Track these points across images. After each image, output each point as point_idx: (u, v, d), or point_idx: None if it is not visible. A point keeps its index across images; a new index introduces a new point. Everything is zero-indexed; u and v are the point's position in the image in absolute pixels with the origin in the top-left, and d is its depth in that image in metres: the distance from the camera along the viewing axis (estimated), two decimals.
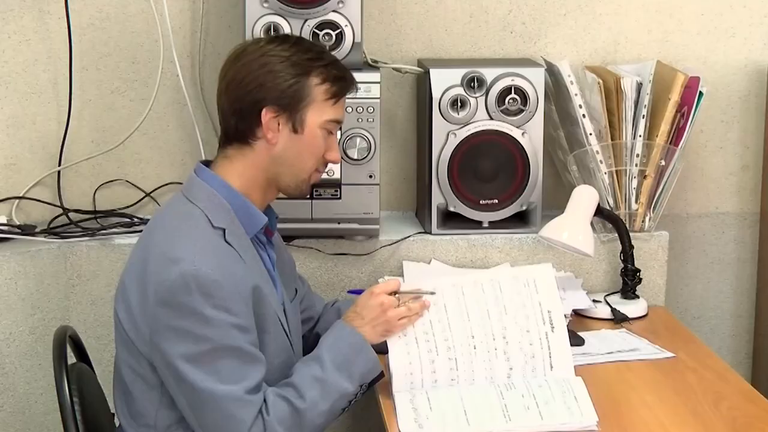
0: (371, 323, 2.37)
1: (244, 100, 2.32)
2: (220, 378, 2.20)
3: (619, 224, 2.99)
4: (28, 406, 3.00)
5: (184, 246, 2.24)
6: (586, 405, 2.31)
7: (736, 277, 3.42)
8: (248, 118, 2.33)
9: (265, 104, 2.32)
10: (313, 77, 2.34)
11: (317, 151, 2.38)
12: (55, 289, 3.02)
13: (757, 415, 2.36)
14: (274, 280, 2.42)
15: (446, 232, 3.08)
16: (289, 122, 2.34)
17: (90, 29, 3.13)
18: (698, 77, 3.06)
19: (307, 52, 2.36)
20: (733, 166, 3.36)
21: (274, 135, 2.34)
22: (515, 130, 3.02)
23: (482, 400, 2.34)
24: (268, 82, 2.31)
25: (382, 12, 3.19)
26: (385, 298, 2.39)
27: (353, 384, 2.31)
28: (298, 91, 2.33)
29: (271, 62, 2.32)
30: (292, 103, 2.33)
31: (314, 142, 2.37)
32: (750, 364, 3.44)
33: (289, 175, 2.38)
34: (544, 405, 2.31)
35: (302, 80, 2.33)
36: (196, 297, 2.19)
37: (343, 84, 2.39)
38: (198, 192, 2.34)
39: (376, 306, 2.39)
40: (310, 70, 2.34)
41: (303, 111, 2.34)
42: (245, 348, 2.23)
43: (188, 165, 3.20)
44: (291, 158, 2.36)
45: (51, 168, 3.15)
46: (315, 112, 2.35)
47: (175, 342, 2.20)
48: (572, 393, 2.35)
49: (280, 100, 2.32)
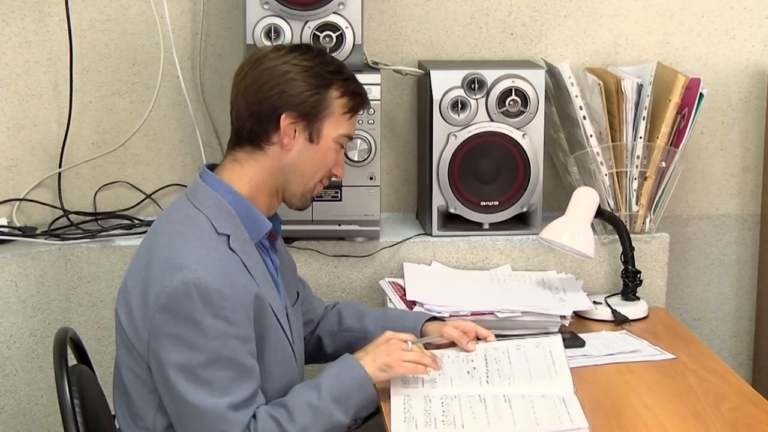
0: (373, 354, 2.35)
1: (263, 104, 2.33)
2: (211, 390, 2.20)
3: (620, 226, 2.99)
4: (28, 408, 3.00)
5: (188, 253, 2.24)
6: (577, 412, 2.28)
7: (736, 278, 3.42)
8: (265, 121, 2.34)
9: (285, 110, 2.33)
10: (333, 90, 2.36)
11: (328, 163, 2.41)
12: (56, 291, 3.02)
13: (758, 416, 2.36)
14: (278, 285, 2.42)
15: (447, 233, 3.08)
16: (306, 131, 2.36)
17: (90, 31, 3.13)
18: (699, 79, 3.06)
19: (329, 64, 2.39)
20: (734, 168, 3.36)
21: (290, 141, 2.35)
22: (516, 131, 3.02)
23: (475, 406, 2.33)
24: (289, 89, 2.33)
25: (382, 14, 3.19)
26: (393, 337, 2.38)
27: (348, 417, 2.29)
28: (319, 102, 2.35)
29: (293, 70, 2.34)
30: (312, 113, 2.35)
31: (327, 154, 2.39)
32: (751, 365, 3.44)
33: (298, 184, 2.39)
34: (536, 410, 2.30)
35: (323, 92, 2.35)
36: (197, 305, 2.19)
37: (360, 100, 2.42)
38: (203, 197, 2.34)
39: (382, 341, 2.38)
40: (331, 82, 2.36)
41: (321, 122, 2.36)
42: (241, 360, 2.23)
43: (189, 167, 3.20)
44: (302, 167, 2.38)
45: (51, 170, 3.15)
46: (332, 125, 2.37)
47: (170, 349, 2.20)
48: (564, 405, 2.33)
49: (301, 107, 2.34)
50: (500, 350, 2.51)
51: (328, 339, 2.66)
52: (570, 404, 2.31)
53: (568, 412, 2.28)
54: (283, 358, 2.37)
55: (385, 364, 2.31)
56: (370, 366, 2.31)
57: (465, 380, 2.41)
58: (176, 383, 2.20)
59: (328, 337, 2.66)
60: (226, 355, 2.21)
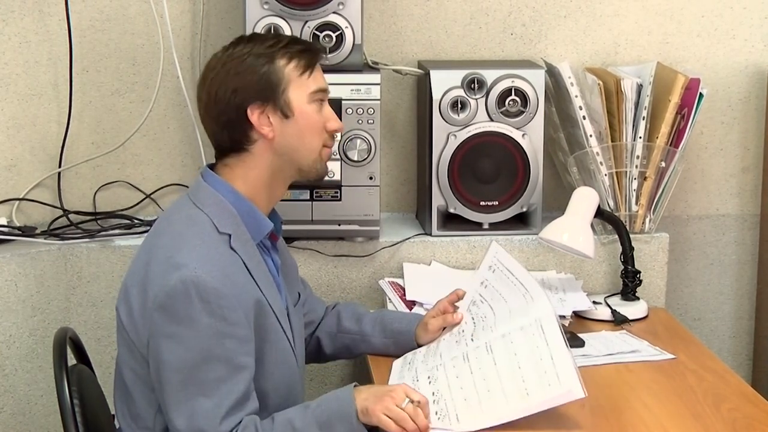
0: (369, 393, 2.24)
1: (227, 111, 2.32)
2: (202, 390, 2.19)
3: (620, 226, 2.99)
4: (28, 408, 3.00)
5: (187, 252, 2.23)
6: (564, 365, 2.24)
7: (736, 278, 3.42)
8: (238, 125, 2.33)
9: (248, 104, 2.32)
10: (278, 60, 2.33)
11: (316, 126, 2.37)
12: (56, 291, 3.02)
13: (758, 416, 2.36)
14: (279, 285, 2.42)
15: (446, 233, 3.08)
16: (277, 110, 2.33)
17: (90, 31, 3.13)
18: (698, 79, 3.06)
19: (264, 41, 2.36)
20: (734, 168, 3.36)
21: (269, 129, 2.33)
22: (515, 131, 3.02)
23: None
24: (239, 83, 2.31)
25: (382, 13, 3.19)
26: (400, 389, 2.23)
27: None
28: (271, 78, 2.32)
29: (234, 66, 2.32)
30: (270, 92, 2.32)
31: (309, 118, 2.36)
32: (750, 365, 3.44)
33: (302, 159, 2.37)
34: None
35: (270, 66, 2.32)
36: (195, 304, 2.18)
37: (310, 54, 2.38)
38: (205, 197, 2.33)
39: (391, 386, 2.28)
40: (273, 55, 2.33)
41: (285, 94, 2.33)
42: (236, 360, 2.22)
43: (188, 167, 3.20)
44: (294, 143, 2.35)
45: (51, 169, 3.15)
46: (296, 91, 2.34)
47: (166, 348, 2.20)
48: (550, 354, 2.27)
49: (259, 93, 2.32)
50: (479, 303, 2.52)
51: (327, 340, 2.66)
52: (547, 327, 2.28)
53: (554, 365, 2.24)
54: (283, 358, 2.37)
55: (368, 408, 2.21)
56: (360, 403, 2.22)
57: (452, 349, 2.42)
58: (170, 381, 2.20)
59: (327, 338, 2.66)
60: (222, 355, 2.20)
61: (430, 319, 2.57)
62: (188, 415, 2.19)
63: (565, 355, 2.23)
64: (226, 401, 2.19)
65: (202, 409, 2.18)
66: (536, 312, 2.36)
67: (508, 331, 2.36)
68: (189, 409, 2.18)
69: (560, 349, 2.25)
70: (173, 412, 2.20)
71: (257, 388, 2.28)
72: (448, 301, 2.58)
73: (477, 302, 2.53)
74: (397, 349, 2.59)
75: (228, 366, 2.20)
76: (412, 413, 2.20)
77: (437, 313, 2.57)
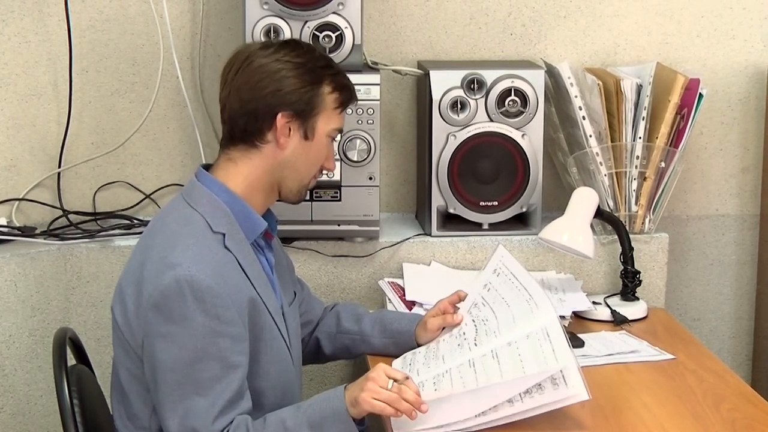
0: (354, 386, 2.22)
1: (258, 103, 2.32)
2: (197, 389, 2.19)
3: (619, 226, 2.99)
4: (28, 408, 3.00)
5: (181, 251, 2.23)
6: (560, 344, 2.26)
7: (736, 279, 3.42)
8: (260, 120, 2.33)
9: (281, 109, 2.32)
10: (325, 85, 2.36)
11: (321, 158, 2.41)
12: (55, 291, 3.02)
13: (757, 417, 2.36)
14: (273, 284, 2.42)
15: (446, 234, 3.08)
16: (302, 129, 2.35)
17: (90, 31, 3.13)
18: (698, 79, 3.06)
19: (319, 60, 2.38)
20: (733, 168, 3.36)
21: (285, 140, 2.35)
22: (515, 132, 3.02)
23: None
24: (284, 87, 2.32)
25: (382, 14, 3.19)
26: (379, 371, 2.21)
27: None
28: (313, 99, 2.35)
29: (285, 68, 2.33)
30: (306, 110, 2.35)
31: (321, 149, 2.39)
32: (750, 365, 3.44)
33: (294, 180, 2.39)
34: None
35: (316, 88, 2.35)
36: (189, 303, 2.19)
37: (350, 94, 2.42)
38: (198, 196, 2.34)
39: (369, 373, 2.23)
40: (322, 78, 2.36)
41: (315, 118, 2.36)
42: (230, 359, 2.21)
43: (188, 167, 3.20)
44: (298, 163, 2.38)
45: (51, 170, 3.15)
46: (324, 120, 2.37)
47: (160, 347, 2.20)
48: (548, 340, 2.29)
49: (295, 105, 2.33)
50: (481, 306, 2.51)
51: (326, 340, 2.66)
52: (553, 335, 2.30)
53: (553, 349, 2.26)
54: (279, 357, 2.37)
55: (356, 398, 2.19)
56: (348, 397, 2.20)
57: (455, 353, 2.41)
58: (164, 381, 2.20)
59: (326, 338, 2.66)
60: (216, 354, 2.20)
61: (429, 318, 2.57)
62: (182, 415, 2.19)
63: (571, 361, 2.24)
64: (220, 400, 2.19)
65: (197, 408, 2.18)
66: (542, 320, 2.36)
67: (513, 339, 2.36)
68: (183, 408, 2.19)
69: (567, 355, 2.25)
70: (167, 411, 2.20)
71: (253, 387, 2.28)
72: (449, 301, 2.58)
73: (478, 305, 2.53)
74: (396, 349, 2.59)
75: (222, 365, 2.20)
76: (400, 392, 2.18)
77: (437, 313, 2.57)
